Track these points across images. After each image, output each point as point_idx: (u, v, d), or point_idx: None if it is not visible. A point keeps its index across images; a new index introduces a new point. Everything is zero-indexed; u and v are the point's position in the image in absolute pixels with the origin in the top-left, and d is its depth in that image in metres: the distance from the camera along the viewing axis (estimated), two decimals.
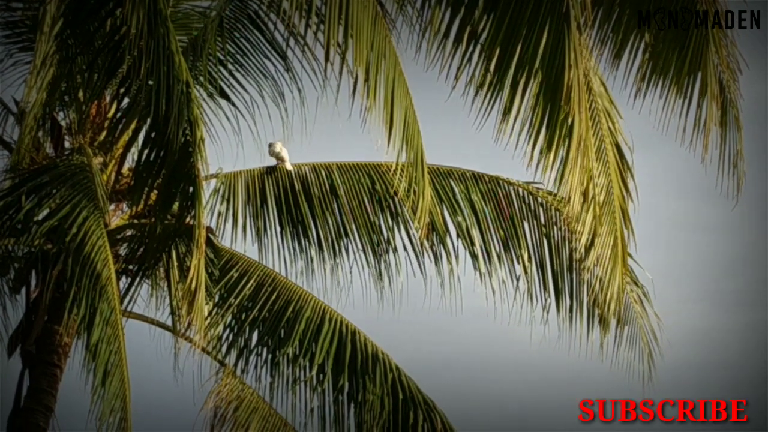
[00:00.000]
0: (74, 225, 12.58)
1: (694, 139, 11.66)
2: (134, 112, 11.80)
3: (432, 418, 14.51)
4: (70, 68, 12.75)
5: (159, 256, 13.31)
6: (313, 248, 15.06)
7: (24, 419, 13.85)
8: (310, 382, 14.68)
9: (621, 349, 14.74)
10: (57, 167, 13.66)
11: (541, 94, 10.72)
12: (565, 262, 14.81)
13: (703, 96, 11.57)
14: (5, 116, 14.67)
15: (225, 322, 14.93)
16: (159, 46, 11.02)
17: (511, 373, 70.39)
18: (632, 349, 14.75)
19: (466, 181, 15.14)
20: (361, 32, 10.61)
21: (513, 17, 10.64)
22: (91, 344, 12.36)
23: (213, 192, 14.82)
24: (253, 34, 14.68)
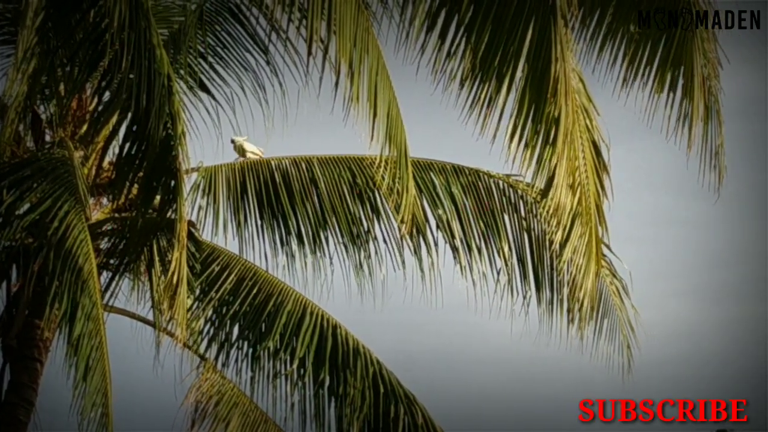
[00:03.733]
0: (55, 219, 12.55)
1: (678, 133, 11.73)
2: (115, 105, 11.81)
3: (413, 412, 14.55)
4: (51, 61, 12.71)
5: (140, 250, 13.26)
6: (293, 241, 15.04)
7: (5, 413, 13.85)
8: (291, 376, 14.71)
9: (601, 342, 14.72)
10: (38, 161, 13.67)
11: (527, 86, 10.76)
12: (546, 254, 14.80)
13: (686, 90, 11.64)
14: None
15: (206, 316, 14.98)
16: (140, 39, 11.08)
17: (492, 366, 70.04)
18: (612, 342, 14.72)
19: (446, 174, 15.18)
20: (344, 26, 10.65)
21: (499, 9, 10.68)
22: (73, 339, 12.32)
23: (194, 186, 14.81)
24: (234, 27, 14.71)
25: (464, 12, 10.83)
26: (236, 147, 15.22)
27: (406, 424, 14.51)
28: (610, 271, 14.52)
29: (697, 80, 11.63)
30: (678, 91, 11.69)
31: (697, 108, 11.68)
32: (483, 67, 10.89)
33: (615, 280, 14.73)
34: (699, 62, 11.58)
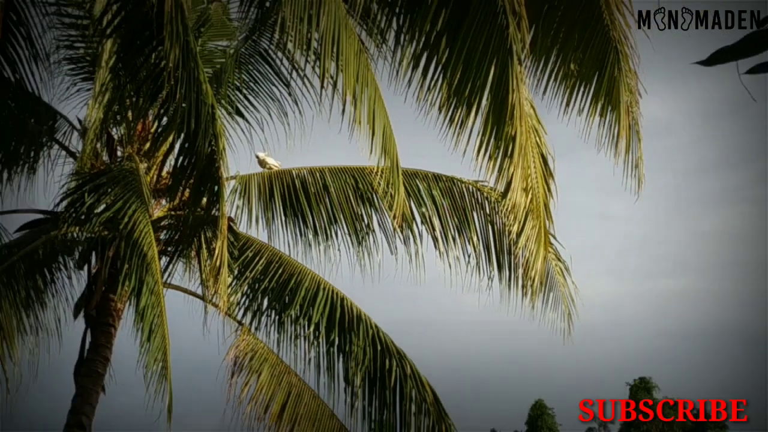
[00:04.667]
0: (125, 216, 12.64)
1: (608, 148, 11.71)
2: (171, 127, 11.78)
3: (403, 365, 14.56)
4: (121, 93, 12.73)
5: (191, 240, 13.39)
6: (310, 233, 15.13)
7: (86, 367, 13.91)
8: (308, 337, 14.72)
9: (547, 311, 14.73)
10: (111, 171, 13.77)
11: (490, 112, 10.68)
12: (505, 242, 14.78)
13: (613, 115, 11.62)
14: (71, 132, 14.78)
15: (242, 291, 15.00)
16: (190, 77, 10.99)
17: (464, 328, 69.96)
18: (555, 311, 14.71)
19: (428, 180, 15.20)
20: (348, 65, 10.58)
21: (468, 52, 10.60)
22: (140, 309, 12.45)
23: (232, 190, 14.92)
24: (263, 66, 15.01)
25: (441, 54, 10.75)
26: (259, 161, 15.25)
27: (398, 374, 14.45)
28: (555, 256, 14.49)
29: (622, 107, 11.59)
30: (607, 115, 11.64)
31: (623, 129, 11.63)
32: (456, 96, 10.81)
33: (559, 262, 14.73)
34: (624, 93, 11.52)
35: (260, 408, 14.09)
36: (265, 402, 14.12)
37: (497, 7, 10.28)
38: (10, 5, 10.97)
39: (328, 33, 10.33)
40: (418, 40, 10.82)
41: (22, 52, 12.20)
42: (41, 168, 14.47)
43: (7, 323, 14.07)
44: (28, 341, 14.45)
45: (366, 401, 14.50)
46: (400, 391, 14.45)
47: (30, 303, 14.48)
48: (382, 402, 14.48)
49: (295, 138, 14.92)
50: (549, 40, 11.44)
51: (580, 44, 11.40)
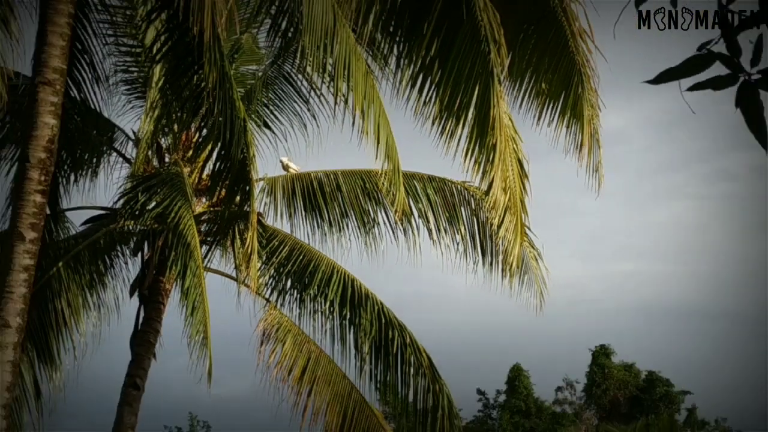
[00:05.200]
0: (172, 212, 12.62)
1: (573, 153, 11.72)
2: (209, 138, 11.81)
3: (403, 335, 14.51)
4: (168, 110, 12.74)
5: (227, 232, 13.32)
6: (326, 225, 15.06)
7: (140, 338, 13.90)
8: (325, 312, 14.66)
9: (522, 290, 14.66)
10: (160, 174, 13.77)
11: (475, 124, 10.70)
12: (488, 233, 14.72)
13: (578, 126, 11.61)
14: (127, 142, 14.74)
15: (269, 274, 14.90)
16: (226, 95, 10.98)
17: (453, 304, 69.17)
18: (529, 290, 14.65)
19: (423, 181, 15.14)
20: (357, 86, 10.61)
21: (456, 73, 10.62)
22: (184, 289, 12.51)
23: (261, 190, 14.81)
24: (287, 86, 14.92)
25: (434, 75, 10.79)
26: (283, 165, 15.19)
27: (399, 343, 14.41)
28: (530, 244, 14.40)
29: (585, 120, 11.60)
30: (573, 127, 11.65)
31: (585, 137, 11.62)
32: (446, 111, 10.84)
33: (533, 249, 14.63)
34: (586, 108, 11.52)
35: (285, 371, 14.04)
36: (288, 366, 14.07)
37: (480, 36, 10.30)
38: (75, 36, 10.94)
39: (340, 58, 10.34)
40: (415, 63, 10.85)
41: (86, 75, 12.19)
42: (102, 172, 14.45)
43: (74, 301, 14.09)
44: (92, 316, 14.46)
45: (372, 365, 14.47)
46: (401, 357, 14.43)
47: (93, 284, 14.49)
48: (386, 366, 14.46)
49: (313, 146, 14.86)
50: (524, 63, 11.46)
51: (550, 67, 11.42)
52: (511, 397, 59.90)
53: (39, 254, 9.47)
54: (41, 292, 13.34)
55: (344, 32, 10.33)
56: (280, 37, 11.29)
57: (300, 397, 14.04)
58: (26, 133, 9.48)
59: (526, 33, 11.30)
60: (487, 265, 14.88)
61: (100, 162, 14.40)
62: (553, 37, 11.21)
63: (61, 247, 14.15)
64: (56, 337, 14.01)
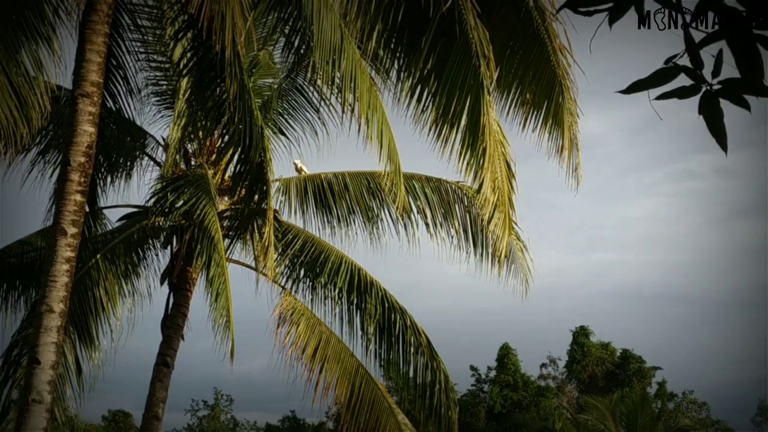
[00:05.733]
0: (198, 209, 12.63)
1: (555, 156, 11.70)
2: (231, 143, 11.76)
3: (404, 318, 14.53)
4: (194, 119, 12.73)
5: (246, 226, 13.29)
6: (334, 220, 15.07)
7: (170, 321, 13.92)
8: (334, 298, 14.67)
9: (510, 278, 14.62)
10: (187, 176, 13.75)
11: (468, 130, 10.68)
12: (479, 227, 14.71)
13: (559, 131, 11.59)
14: (157, 147, 14.74)
15: (285, 264, 14.92)
16: (245, 106, 10.98)
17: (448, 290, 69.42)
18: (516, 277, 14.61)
19: (422, 181, 15.11)
20: (362, 96, 10.56)
21: (451, 84, 10.64)
22: (209, 278, 12.47)
23: (277, 189, 14.83)
24: (299, 97, 14.91)
25: (431, 87, 10.76)
26: (296, 167, 15.19)
27: (400, 325, 14.42)
28: (516, 236, 14.37)
29: (565, 126, 11.56)
30: (554, 132, 11.63)
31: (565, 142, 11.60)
32: (442, 118, 10.83)
33: (519, 242, 14.59)
34: (566, 116, 11.49)
35: (299, 350, 14.03)
36: (302, 346, 14.06)
37: (472, 52, 10.28)
38: (111, 53, 10.94)
39: (347, 72, 10.33)
40: (414, 76, 10.82)
41: (120, 88, 12.18)
42: (135, 174, 14.45)
43: (111, 289, 14.10)
44: (127, 302, 14.47)
45: (377, 345, 14.47)
46: (402, 338, 14.44)
47: (128, 274, 14.51)
48: (389, 345, 14.46)
49: (323, 150, 14.86)
50: (510, 76, 11.43)
51: (534, 79, 11.40)
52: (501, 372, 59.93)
53: (79, 247, 9.48)
54: (81, 281, 13.37)
55: (350, 49, 10.32)
56: (293, 54, 11.27)
57: (312, 373, 14.04)
58: (67, 139, 9.49)
59: (512, 49, 11.28)
60: (479, 256, 14.84)
61: (133, 165, 14.42)
62: (536, 52, 11.19)
63: (99, 241, 14.16)
64: (95, 321, 14.02)
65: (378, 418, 14.13)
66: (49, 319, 8.97)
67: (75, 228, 9.26)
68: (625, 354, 61.55)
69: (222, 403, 65.54)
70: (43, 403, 8.81)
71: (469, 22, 10.16)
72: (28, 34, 9.47)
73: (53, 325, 8.97)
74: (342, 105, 10.85)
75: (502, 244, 11.93)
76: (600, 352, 61.59)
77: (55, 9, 9.78)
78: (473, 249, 14.87)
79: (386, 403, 14.36)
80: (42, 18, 9.59)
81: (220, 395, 65.63)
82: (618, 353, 62.02)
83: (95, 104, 9.51)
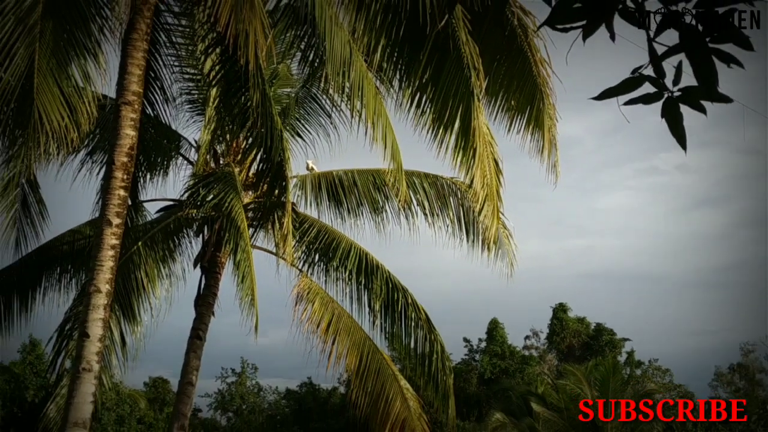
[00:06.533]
0: (226, 202, 12.66)
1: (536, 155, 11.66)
2: (254, 145, 11.69)
3: (406, 297, 14.53)
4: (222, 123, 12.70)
5: (268, 217, 13.23)
6: (345, 212, 15.01)
7: (203, 300, 13.92)
8: (345, 279, 14.63)
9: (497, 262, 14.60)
10: (216, 173, 13.71)
11: (461, 132, 10.66)
12: (471, 217, 14.67)
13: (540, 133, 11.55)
14: (190, 148, 14.71)
15: (301, 250, 14.87)
16: (266, 112, 10.96)
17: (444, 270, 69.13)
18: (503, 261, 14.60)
19: (421, 177, 15.04)
20: (369, 102, 10.55)
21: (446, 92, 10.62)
22: (236, 262, 12.47)
23: (294, 185, 14.79)
24: (313, 104, 14.89)
25: (428, 94, 10.72)
26: (308, 167, 15.16)
27: (402, 303, 14.41)
28: (503, 225, 14.33)
29: (545, 129, 11.51)
30: (535, 134, 11.58)
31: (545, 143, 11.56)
32: (438, 122, 10.79)
33: (505, 230, 14.55)
34: (546, 120, 11.45)
35: (314, 325, 14.02)
36: (317, 321, 14.04)
37: (463, 64, 10.26)
38: (149, 66, 10.95)
39: (355, 82, 10.31)
40: (413, 84, 10.78)
41: (158, 96, 12.18)
42: (171, 171, 14.43)
43: (150, 272, 14.12)
44: (165, 283, 14.48)
45: (382, 320, 14.46)
46: (404, 313, 14.42)
47: (165, 258, 14.52)
48: (393, 320, 14.45)
49: (335, 150, 14.86)
50: (497, 85, 11.39)
51: (518, 88, 11.35)
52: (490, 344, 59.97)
53: (123, 236, 9.50)
54: (125, 265, 13.40)
55: (358, 62, 10.30)
56: (308, 66, 11.25)
57: (326, 344, 14.03)
58: (112, 142, 9.50)
59: (499, 61, 11.24)
60: (470, 242, 14.81)
61: (169, 164, 14.43)
62: (519, 64, 11.16)
63: (140, 230, 14.19)
64: (137, 300, 14.05)
65: (383, 384, 14.15)
66: (97, 298, 8.99)
67: (119, 219, 9.27)
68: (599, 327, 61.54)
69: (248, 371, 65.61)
70: (92, 371, 8.83)
71: (462, 38, 10.14)
72: (77, 50, 9.48)
73: (100, 303, 8.99)
74: (351, 111, 10.83)
75: (490, 231, 11.96)
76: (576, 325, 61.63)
77: (101, 28, 9.78)
78: (466, 236, 14.83)
79: (390, 370, 14.38)
80: (89, 36, 9.59)
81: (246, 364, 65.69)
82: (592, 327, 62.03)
83: (136, 111, 9.52)
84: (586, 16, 3.13)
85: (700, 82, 3.12)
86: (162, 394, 55.60)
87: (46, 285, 14.40)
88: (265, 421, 61.98)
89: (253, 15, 9.53)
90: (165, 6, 11.24)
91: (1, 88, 8.76)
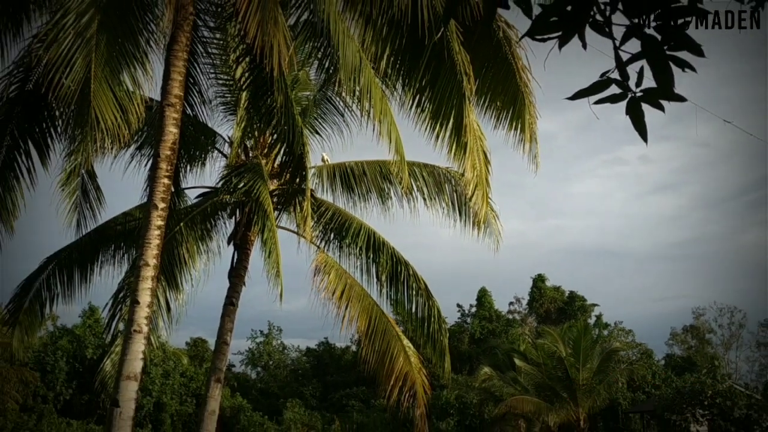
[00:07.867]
0: (255, 189, 12.61)
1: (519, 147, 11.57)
2: (278, 140, 11.66)
3: (409, 270, 14.47)
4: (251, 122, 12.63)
5: (291, 201, 13.20)
6: (356, 197, 14.96)
7: (234, 273, 13.88)
8: (356, 254, 14.58)
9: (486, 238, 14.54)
10: (247, 165, 13.66)
11: (454, 129, 10.60)
12: (464, 201, 14.60)
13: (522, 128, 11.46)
14: (224, 143, 14.63)
15: (319, 229, 14.82)
16: (289, 112, 10.90)
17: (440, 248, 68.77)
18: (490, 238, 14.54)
19: (420, 167, 14.94)
20: (376, 103, 10.43)
21: (441, 94, 10.55)
22: (263, 240, 12.38)
23: (313, 174, 14.75)
24: (328, 105, 14.80)
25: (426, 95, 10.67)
26: (323, 158, 15.08)
27: (405, 274, 14.37)
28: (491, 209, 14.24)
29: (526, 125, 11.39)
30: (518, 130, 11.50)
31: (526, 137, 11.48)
32: (435, 119, 10.73)
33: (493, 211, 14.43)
34: (527, 118, 11.37)
35: (330, 293, 13.98)
36: (332, 290, 14.00)
37: (457, 70, 10.22)
38: (189, 73, 10.93)
39: (365, 86, 10.26)
40: (413, 88, 10.73)
41: (196, 99, 12.18)
42: (208, 163, 14.44)
43: (191, 248, 14.15)
44: (203, 258, 14.51)
45: (388, 289, 14.42)
46: (406, 283, 14.39)
47: (203, 237, 14.53)
48: (397, 289, 14.41)
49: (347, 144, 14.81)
50: (485, 88, 11.34)
51: (503, 90, 11.29)
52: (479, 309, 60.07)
53: (167, 218, 9.51)
54: (169, 243, 13.44)
55: (367, 69, 10.26)
56: (324, 73, 11.22)
57: (340, 310, 14.01)
58: (157, 138, 9.50)
59: (486, 68, 11.19)
60: (463, 222, 14.75)
61: (206, 157, 14.44)
62: (504, 70, 11.11)
63: (182, 213, 14.21)
64: (180, 272, 14.09)
65: (389, 343, 14.17)
66: (146, 270, 9.02)
67: (164, 203, 9.29)
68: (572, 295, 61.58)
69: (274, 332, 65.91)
70: (142, 332, 8.87)
71: (455, 48, 10.10)
72: (128, 60, 9.48)
73: (148, 275, 9.02)
74: (360, 111, 10.77)
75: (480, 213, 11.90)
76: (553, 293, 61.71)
77: (148, 41, 9.79)
78: (459, 217, 14.78)
79: (395, 331, 14.40)
80: (138, 47, 9.60)
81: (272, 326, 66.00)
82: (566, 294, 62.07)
83: (178, 111, 9.52)
84: (561, 28, 3.12)
85: (659, 84, 3.12)
86: (201, 352, 55.87)
87: (103, 260, 14.46)
88: (289, 374, 62.28)
89: (276, 29, 9.51)
90: (202, 22, 11.22)
91: (63, 93, 8.78)
